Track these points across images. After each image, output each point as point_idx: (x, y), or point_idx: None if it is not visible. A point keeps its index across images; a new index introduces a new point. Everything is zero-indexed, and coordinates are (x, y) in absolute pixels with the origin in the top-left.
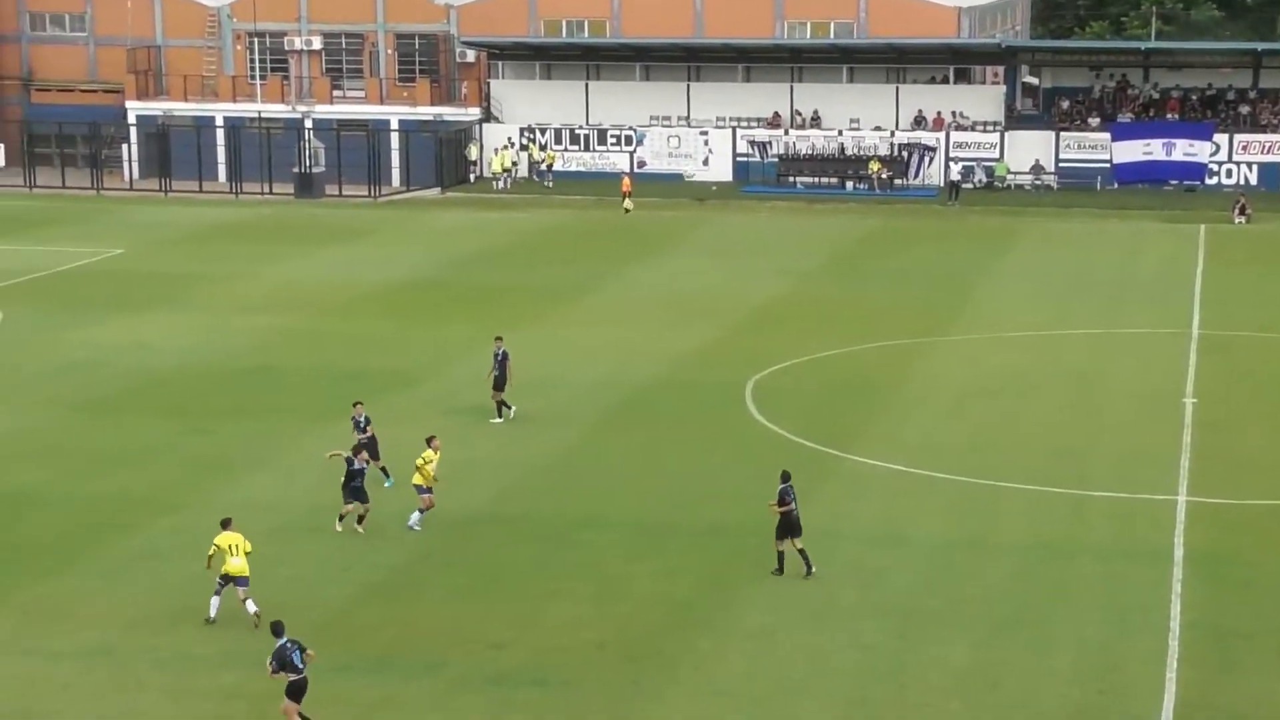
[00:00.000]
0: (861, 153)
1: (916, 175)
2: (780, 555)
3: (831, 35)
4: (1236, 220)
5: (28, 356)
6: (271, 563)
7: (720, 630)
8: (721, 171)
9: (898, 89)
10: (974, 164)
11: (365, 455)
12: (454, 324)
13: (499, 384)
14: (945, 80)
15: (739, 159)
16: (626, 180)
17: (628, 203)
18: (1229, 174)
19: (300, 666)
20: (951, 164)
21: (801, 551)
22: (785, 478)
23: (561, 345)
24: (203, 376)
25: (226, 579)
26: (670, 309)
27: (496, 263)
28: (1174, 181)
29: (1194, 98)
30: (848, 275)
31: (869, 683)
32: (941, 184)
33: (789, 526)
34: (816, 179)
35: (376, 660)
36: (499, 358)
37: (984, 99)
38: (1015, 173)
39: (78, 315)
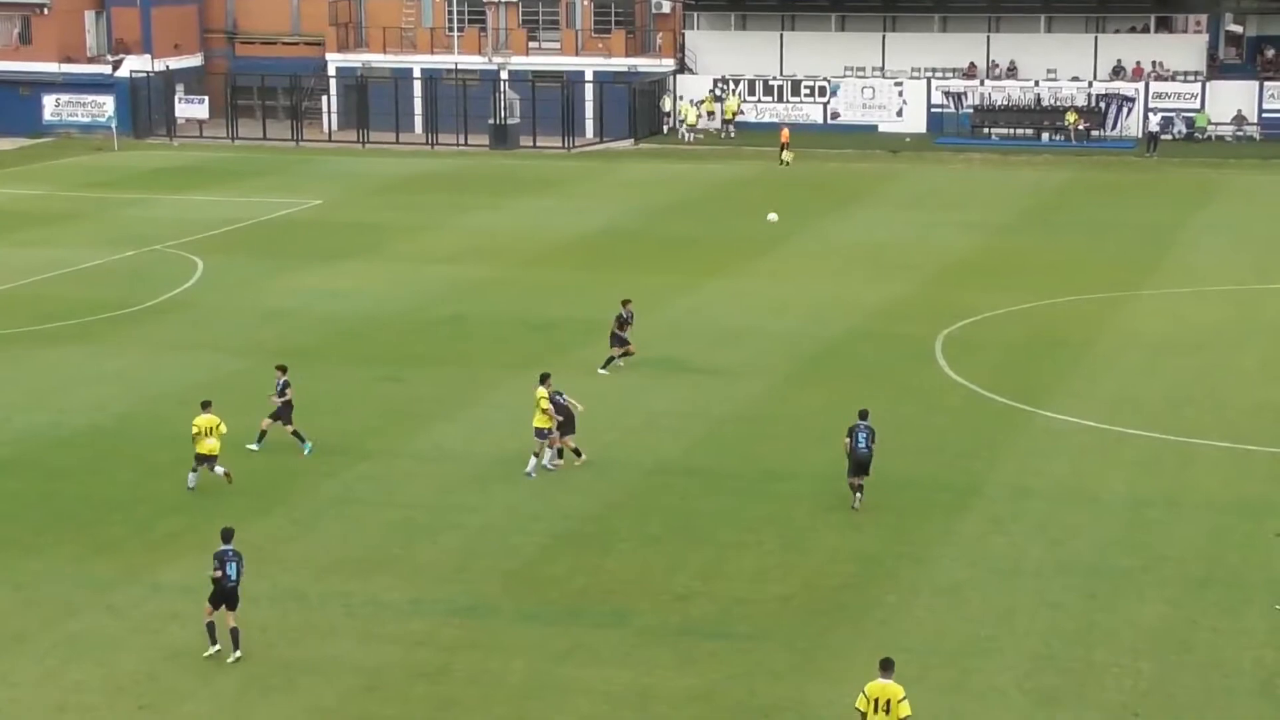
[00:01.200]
0: (1058, 104)
1: (1114, 126)
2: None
3: None
4: None
5: (227, 305)
6: (463, 511)
7: (907, 586)
8: (916, 123)
9: (1096, 39)
10: (1173, 115)
11: None
12: (646, 274)
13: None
14: (1145, 29)
15: (933, 110)
16: (785, 131)
17: (786, 154)
18: None
19: (232, 576)
20: (1150, 115)
21: (860, 487)
22: (861, 415)
23: (753, 297)
24: (396, 325)
25: (201, 459)
26: (862, 262)
27: (689, 214)
28: None
29: None
30: (1042, 228)
31: (1057, 641)
32: (1140, 135)
33: (856, 465)
34: (1012, 130)
35: (566, 609)
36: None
37: (1185, 48)
38: (1216, 123)
39: (276, 264)
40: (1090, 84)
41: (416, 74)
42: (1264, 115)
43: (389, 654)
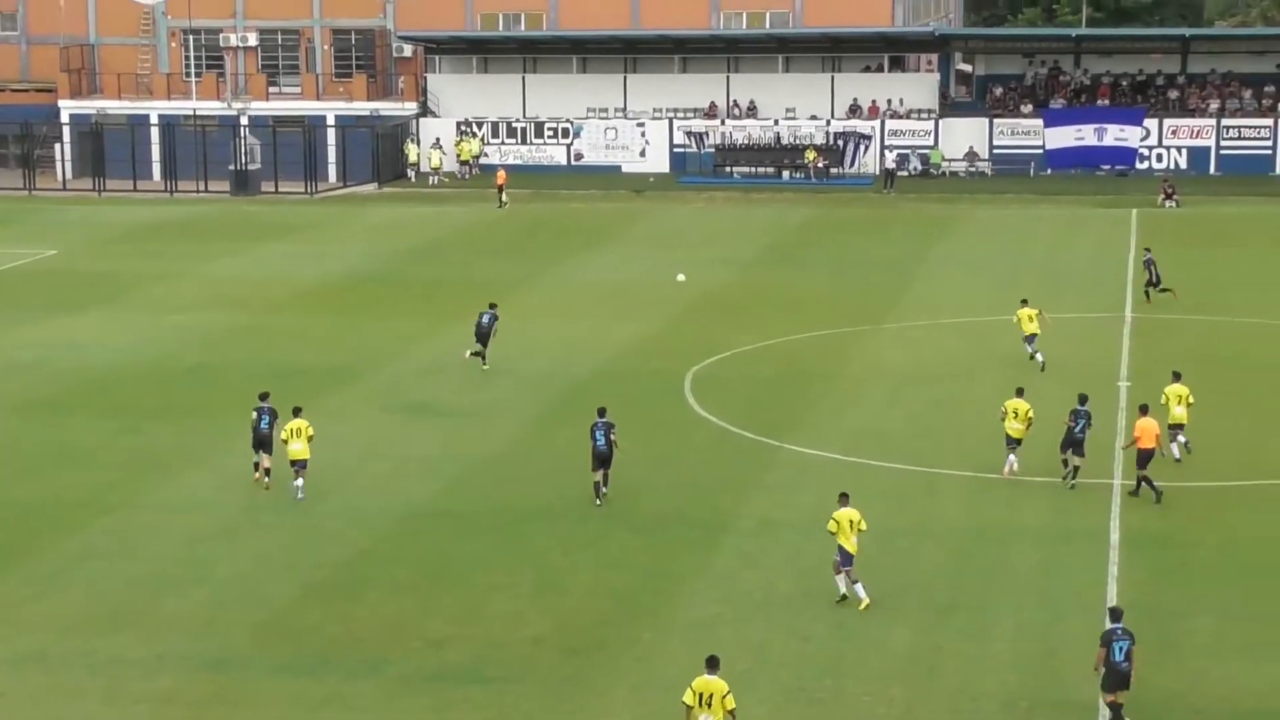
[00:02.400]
0: (797, 142)
1: (852, 164)
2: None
3: (767, 25)
4: (1166, 205)
5: None
6: (211, 562)
7: (662, 622)
8: (659, 163)
9: (833, 78)
10: (909, 152)
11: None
12: (394, 319)
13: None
14: (880, 69)
15: (676, 150)
16: (501, 173)
17: (504, 196)
18: (1159, 158)
19: None
20: (887, 152)
21: (604, 480)
22: (600, 412)
23: (502, 338)
24: (140, 376)
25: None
26: (610, 301)
27: (434, 257)
28: (1106, 166)
29: (1124, 83)
30: (785, 265)
31: (809, 673)
32: (877, 172)
33: (597, 459)
34: (753, 169)
35: (319, 659)
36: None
37: (918, 87)
38: (950, 160)
39: (12, 317)
40: (828, 122)
41: (154, 120)
42: (995, 151)
43: (136, 713)
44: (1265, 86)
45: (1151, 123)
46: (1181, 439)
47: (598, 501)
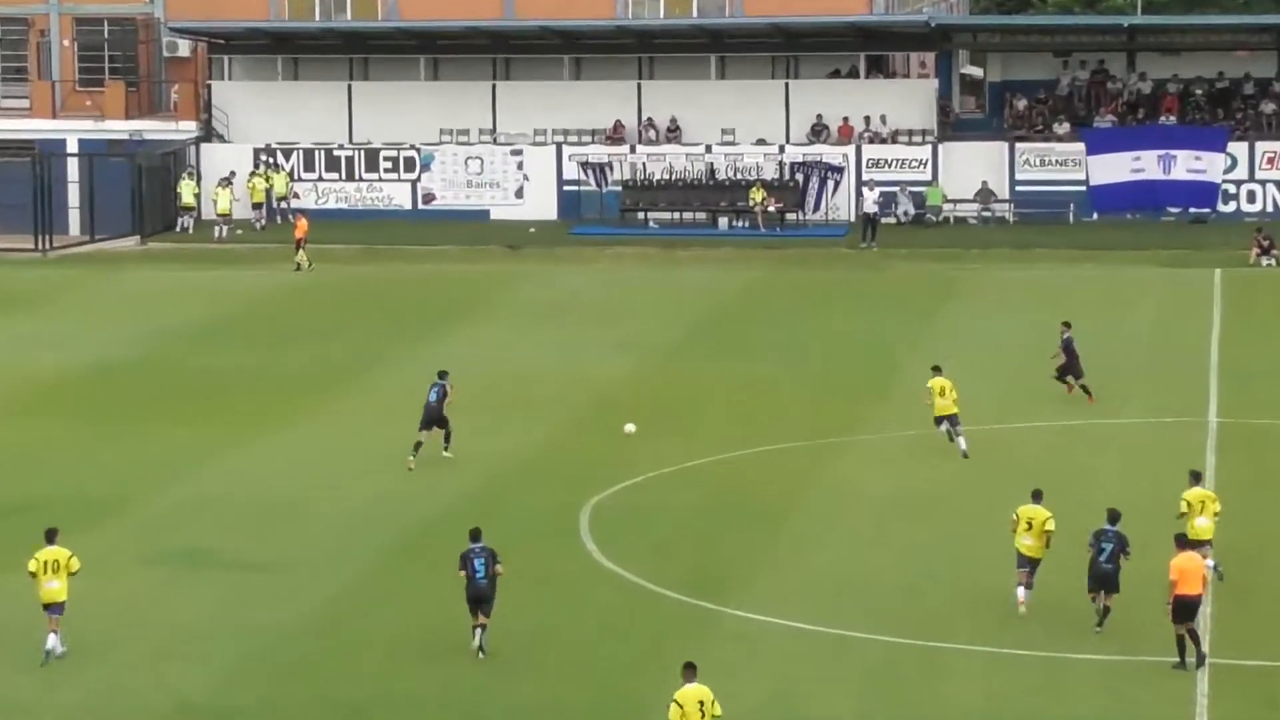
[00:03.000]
0: (739, 177)
1: (817, 207)
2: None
3: (695, 13)
4: (1262, 262)
5: None
6: None
7: None
8: (543, 207)
9: (788, 87)
10: (897, 190)
11: None
12: (163, 427)
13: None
14: (854, 74)
15: (567, 188)
16: (302, 222)
17: (301, 255)
18: (1250, 197)
19: None
20: (865, 190)
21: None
22: (473, 536)
23: (318, 456)
24: None
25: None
26: (472, 401)
27: (223, 341)
28: (1175, 209)
29: (1199, 92)
30: (722, 350)
31: None
32: (852, 218)
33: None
34: (677, 214)
35: None
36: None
37: (909, 98)
38: (954, 201)
39: None
40: (782, 149)
41: None
42: (1017, 189)
43: None
44: None
45: (1239, 148)
46: (1210, 562)
47: (477, 648)
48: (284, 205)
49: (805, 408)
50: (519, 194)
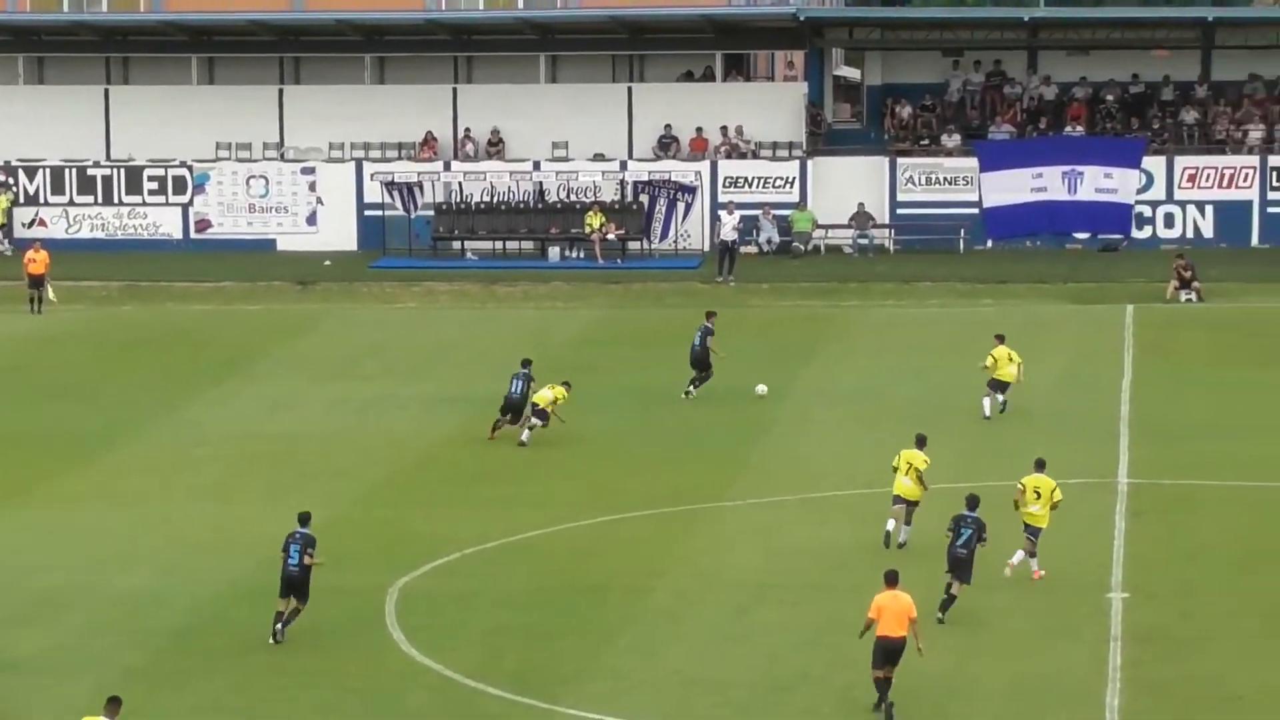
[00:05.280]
0: (574, 199)
1: (665, 234)
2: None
3: (520, 4)
4: (1181, 296)
5: None
6: None
7: None
8: (340, 236)
9: (630, 91)
10: (759, 214)
11: None
12: None
13: None
14: (709, 76)
15: (368, 213)
16: (37, 257)
17: (50, 292)
18: (1168, 220)
19: None
20: (722, 214)
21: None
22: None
23: (67, 538)
24: None
25: None
26: (259, 466)
27: None
28: (1082, 235)
29: (1110, 98)
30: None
31: None
32: (706, 247)
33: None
34: (499, 244)
35: None
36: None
37: (773, 106)
38: (826, 227)
39: None
40: (624, 165)
41: None
42: (899, 212)
43: None
44: None
45: (1156, 163)
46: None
47: (272, 635)
48: (4, 239)
49: (655, 471)
50: (311, 220)
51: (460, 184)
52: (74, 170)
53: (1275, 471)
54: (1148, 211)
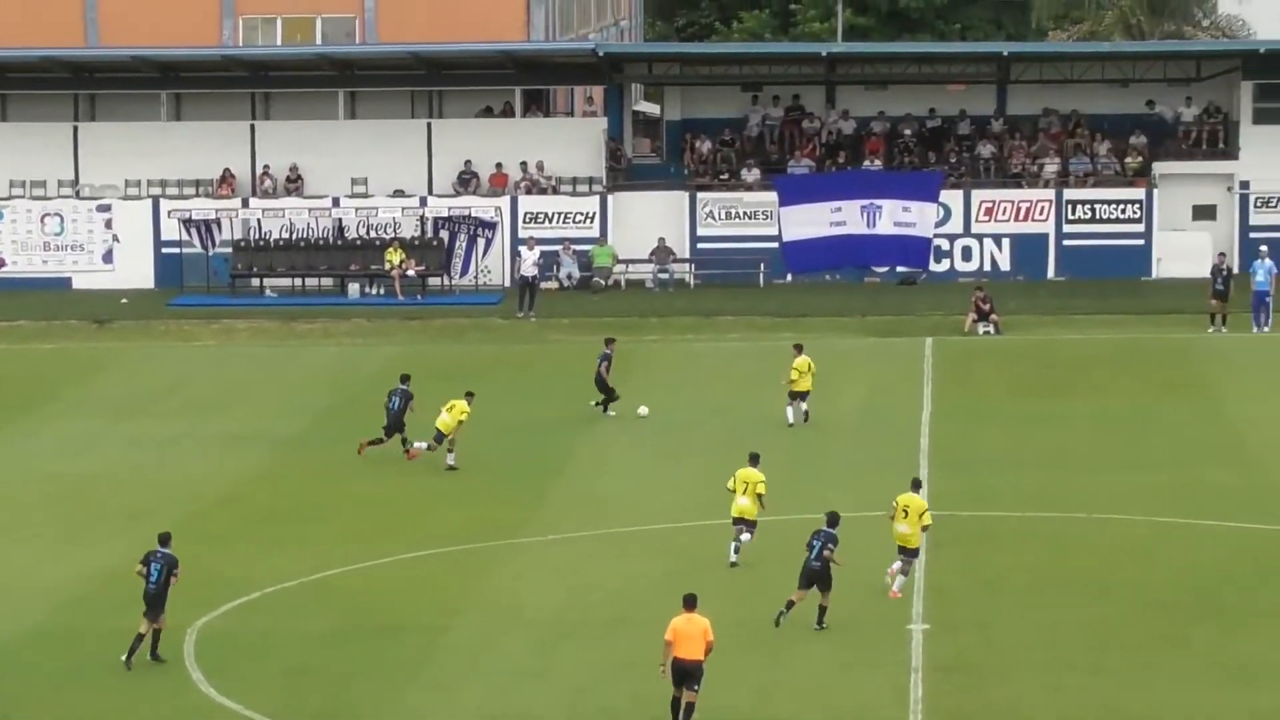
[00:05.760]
0: (374, 235)
1: (465, 270)
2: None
3: (319, 40)
4: (979, 329)
5: None
6: None
7: None
8: (136, 273)
9: (430, 127)
10: (559, 249)
11: None
12: None
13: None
14: (509, 112)
15: (165, 251)
16: None
17: None
18: (966, 254)
19: None
20: (523, 250)
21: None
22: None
23: None
24: None
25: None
26: (54, 507)
27: None
28: (881, 268)
29: (908, 132)
30: (355, 441)
31: None
32: (507, 283)
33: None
34: (298, 281)
35: None
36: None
37: (573, 141)
38: (626, 261)
39: None
40: (424, 201)
41: None
42: (699, 247)
43: None
44: (1131, 137)
45: (953, 196)
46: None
47: (126, 657)
48: None
49: (455, 508)
50: (107, 258)
51: (259, 221)
52: None
53: (1070, 502)
54: (945, 244)
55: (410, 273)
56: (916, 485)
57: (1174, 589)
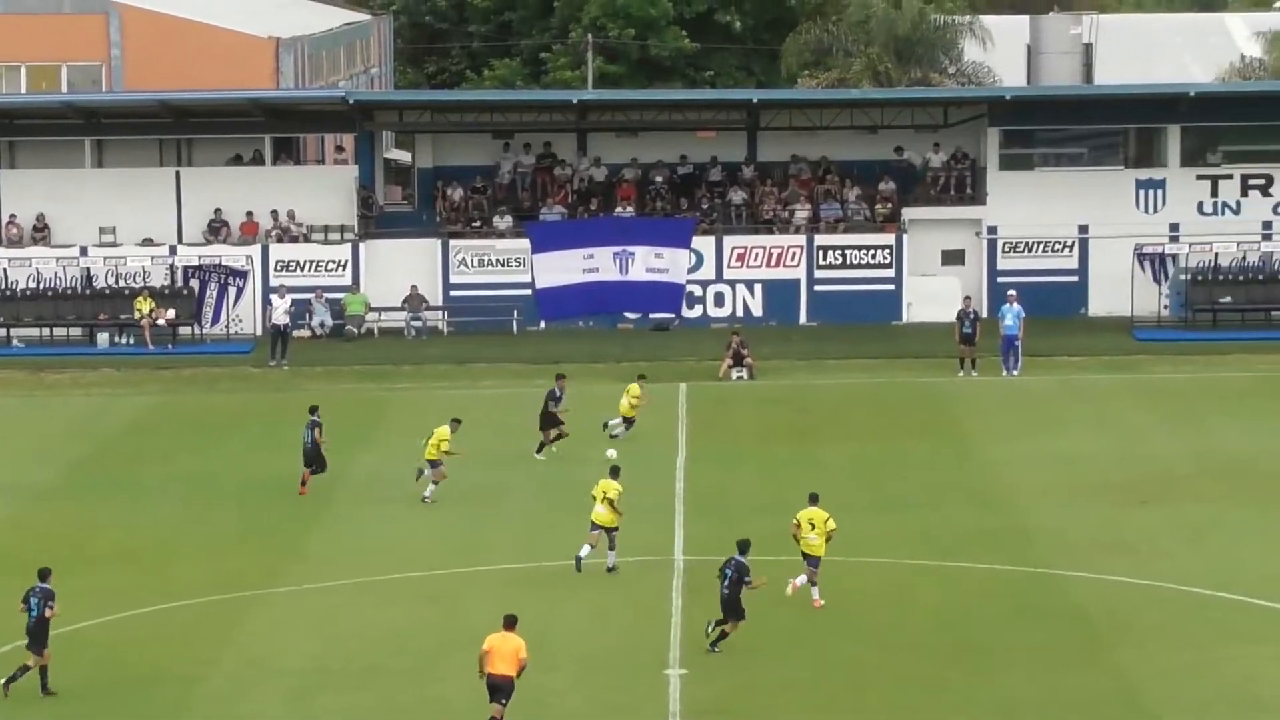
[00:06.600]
0: (122, 284)
1: (216, 319)
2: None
3: (64, 88)
4: (733, 375)
5: None
6: None
7: None
8: None
9: (179, 175)
10: (311, 297)
11: None
12: None
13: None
14: (259, 160)
15: None
16: None
17: None
18: (719, 299)
19: None
20: (274, 298)
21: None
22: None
23: None
24: None
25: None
26: None
27: None
28: (633, 315)
29: (659, 179)
30: (108, 493)
31: None
32: (259, 331)
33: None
34: (46, 330)
35: None
36: None
37: (324, 189)
38: (379, 309)
39: None
40: (173, 250)
41: None
42: (451, 294)
43: None
44: (880, 183)
45: (705, 242)
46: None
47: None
48: None
49: (211, 558)
50: None
51: (5, 271)
52: None
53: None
54: (698, 290)
55: (160, 322)
56: (814, 499)
57: (930, 630)
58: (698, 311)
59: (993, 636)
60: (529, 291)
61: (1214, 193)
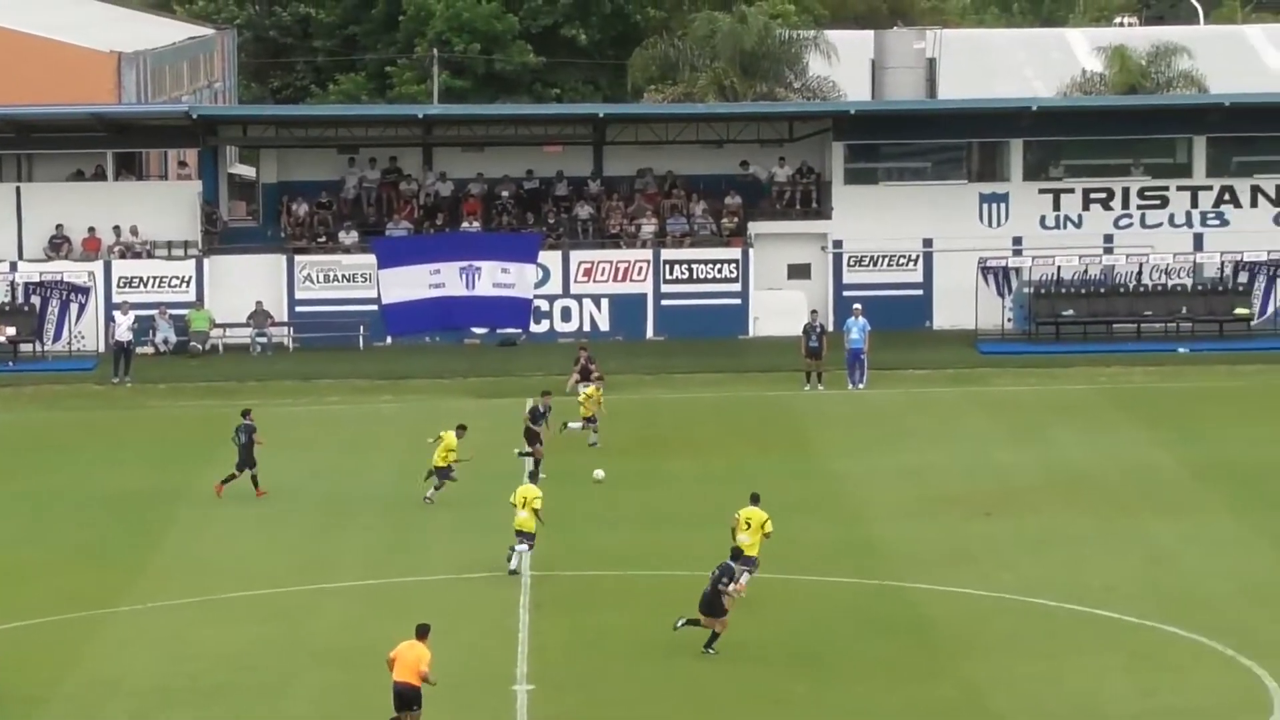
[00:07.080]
0: None
1: (58, 336)
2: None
3: None
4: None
5: None
6: None
7: None
8: None
9: (19, 191)
10: (155, 313)
11: None
12: None
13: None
14: (100, 175)
15: None
16: None
17: None
18: (565, 314)
19: None
20: (117, 315)
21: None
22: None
23: None
24: None
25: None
26: None
27: None
28: (480, 330)
29: (505, 194)
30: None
31: None
32: (102, 348)
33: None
34: None
35: None
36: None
37: (167, 205)
38: (224, 325)
39: None
40: (14, 267)
41: None
42: (297, 310)
43: None
44: (726, 197)
45: (552, 257)
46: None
47: None
48: None
49: (51, 577)
50: None
51: None
52: None
53: (672, 560)
54: (545, 305)
55: (1, 339)
56: (755, 499)
57: (773, 645)
58: (544, 326)
59: (839, 649)
60: (375, 307)
61: (1056, 206)
